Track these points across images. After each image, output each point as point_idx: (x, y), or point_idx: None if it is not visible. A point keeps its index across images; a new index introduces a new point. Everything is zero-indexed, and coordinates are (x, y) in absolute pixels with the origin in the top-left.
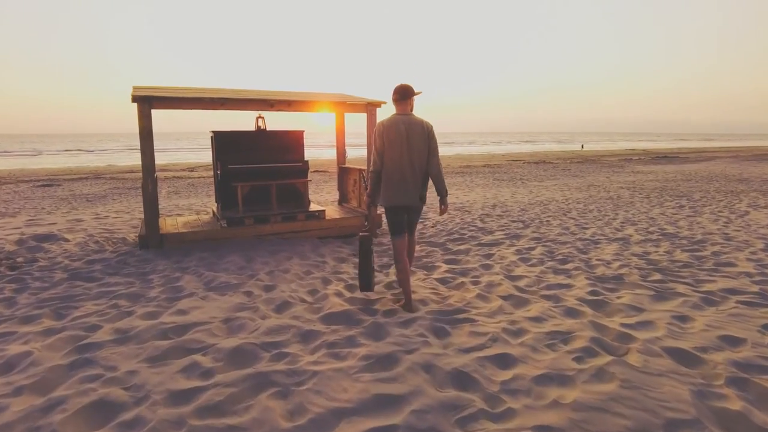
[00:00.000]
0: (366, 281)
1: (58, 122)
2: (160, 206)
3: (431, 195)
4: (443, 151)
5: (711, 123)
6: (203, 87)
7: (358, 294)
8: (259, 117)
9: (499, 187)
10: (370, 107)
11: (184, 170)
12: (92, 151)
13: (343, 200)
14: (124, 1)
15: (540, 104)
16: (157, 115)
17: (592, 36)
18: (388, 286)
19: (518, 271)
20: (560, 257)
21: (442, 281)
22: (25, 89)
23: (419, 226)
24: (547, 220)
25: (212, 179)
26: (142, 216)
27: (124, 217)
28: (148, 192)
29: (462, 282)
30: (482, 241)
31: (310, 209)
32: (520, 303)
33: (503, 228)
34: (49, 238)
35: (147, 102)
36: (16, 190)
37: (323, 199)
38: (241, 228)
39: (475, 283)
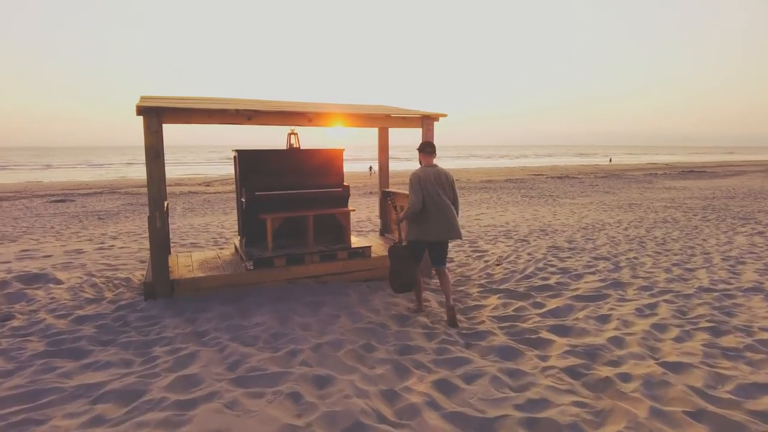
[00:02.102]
0: (399, 286)
1: (59, 135)
2: (173, 226)
3: None
4: (463, 164)
5: (719, 137)
6: (218, 97)
7: (463, 406)
8: (292, 133)
9: (533, 205)
10: (427, 121)
11: (199, 185)
12: (102, 165)
13: (385, 230)
14: (126, 14)
15: (552, 118)
16: (166, 126)
17: (603, 51)
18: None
19: (669, 352)
20: (705, 325)
21: (574, 374)
22: (29, 102)
23: (480, 265)
24: (634, 257)
25: (229, 194)
26: (169, 239)
27: (132, 246)
28: (155, 229)
29: (606, 377)
30: (578, 292)
31: (352, 245)
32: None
33: (590, 269)
34: (38, 278)
35: (155, 114)
36: (29, 205)
37: None
38: (270, 270)
39: (625, 379)
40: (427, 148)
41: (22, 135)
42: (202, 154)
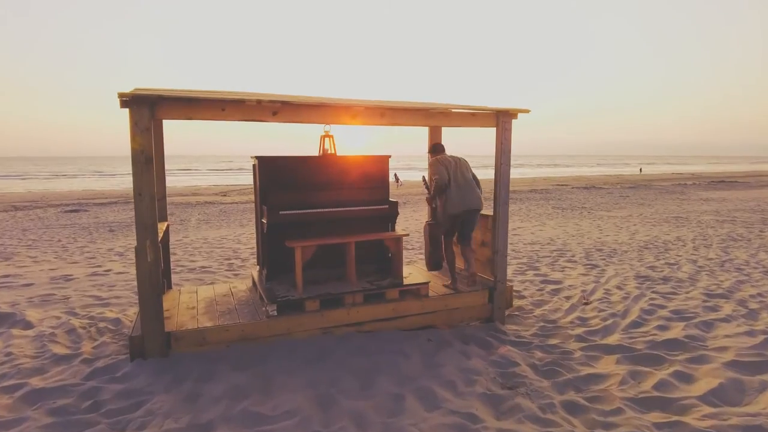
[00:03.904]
0: (437, 263)
1: (62, 145)
2: (186, 240)
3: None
4: (480, 174)
5: (738, 145)
6: (233, 91)
7: None
8: (327, 135)
9: (568, 217)
10: (504, 118)
11: (216, 195)
12: (114, 175)
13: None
14: (137, 21)
15: (564, 127)
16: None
17: (616, 60)
18: None
19: None
20: None
21: None
22: (34, 112)
23: (562, 304)
24: (758, 293)
25: (246, 204)
26: (169, 271)
27: (131, 271)
28: (145, 264)
29: None
30: (731, 355)
31: (405, 282)
32: None
33: (714, 312)
34: (2, 320)
35: (147, 106)
36: (42, 215)
37: None
38: (299, 317)
39: None
40: (438, 148)
41: (26, 145)
42: (216, 164)
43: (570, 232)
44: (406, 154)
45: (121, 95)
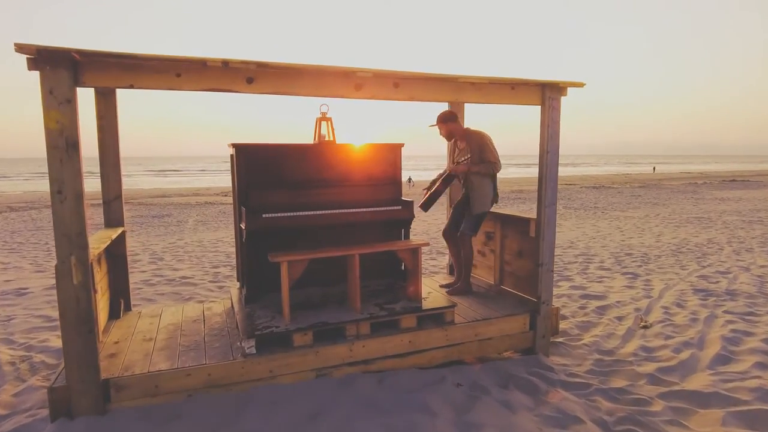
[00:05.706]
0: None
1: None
2: (181, 242)
3: None
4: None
5: (738, 145)
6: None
7: None
8: (323, 118)
9: (582, 218)
10: (551, 93)
11: (217, 195)
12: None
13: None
14: (130, 15)
15: (564, 126)
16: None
17: (610, 59)
18: None
19: None
20: None
21: None
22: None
23: (616, 327)
24: None
25: None
26: (127, 289)
27: None
28: (69, 290)
29: None
30: None
31: (425, 305)
32: None
33: None
34: None
35: (68, 67)
36: (36, 216)
37: None
38: (285, 356)
39: None
40: (454, 116)
41: (27, 145)
42: (218, 165)
43: (589, 234)
44: (415, 153)
45: (21, 48)
